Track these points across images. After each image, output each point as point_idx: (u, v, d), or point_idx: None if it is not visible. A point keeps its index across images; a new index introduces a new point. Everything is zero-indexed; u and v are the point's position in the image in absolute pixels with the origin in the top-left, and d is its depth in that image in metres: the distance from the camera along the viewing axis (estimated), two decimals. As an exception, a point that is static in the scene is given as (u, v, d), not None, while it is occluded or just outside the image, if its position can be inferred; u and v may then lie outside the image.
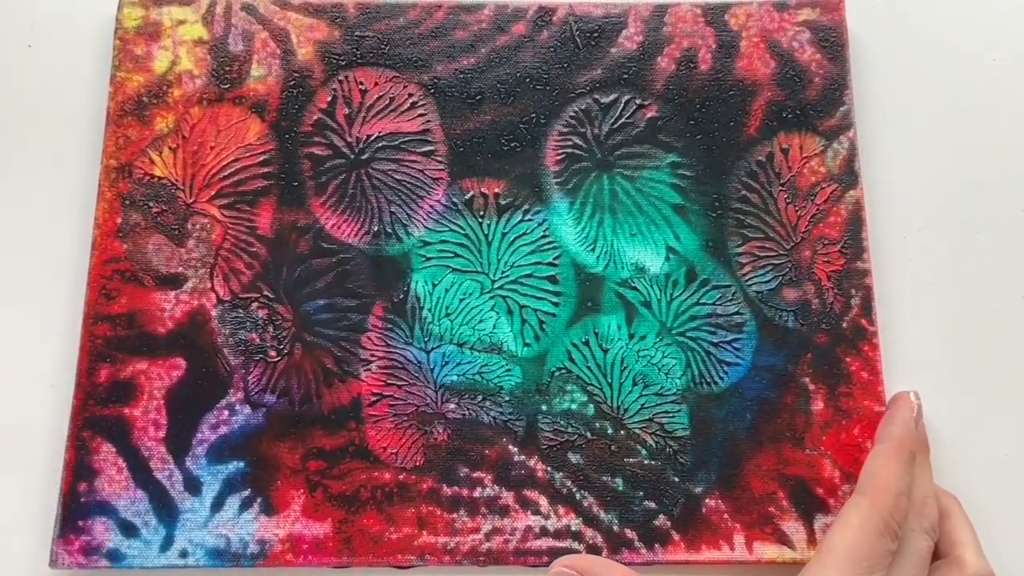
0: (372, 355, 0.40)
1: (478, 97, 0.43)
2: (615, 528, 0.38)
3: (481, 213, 0.41)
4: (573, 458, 0.39)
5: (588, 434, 0.39)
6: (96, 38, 0.44)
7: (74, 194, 0.42)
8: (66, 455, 0.38)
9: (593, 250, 0.41)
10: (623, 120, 0.42)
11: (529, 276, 0.41)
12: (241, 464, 0.38)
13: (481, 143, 0.42)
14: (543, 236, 0.41)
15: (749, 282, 0.41)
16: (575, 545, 0.38)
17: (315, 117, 0.42)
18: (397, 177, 0.42)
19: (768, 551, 0.38)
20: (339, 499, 0.38)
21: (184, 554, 0.37)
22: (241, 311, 0.40)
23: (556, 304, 0.40)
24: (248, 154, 0.42)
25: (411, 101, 0.43)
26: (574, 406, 0.39)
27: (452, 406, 0.39)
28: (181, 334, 0.40)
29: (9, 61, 0.44)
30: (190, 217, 0.41)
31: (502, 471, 0.38)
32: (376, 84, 0.43)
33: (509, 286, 0.41)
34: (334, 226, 0.41)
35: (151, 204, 0.41)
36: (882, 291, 0.41)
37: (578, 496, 0.38)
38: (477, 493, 0.38)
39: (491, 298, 0.40)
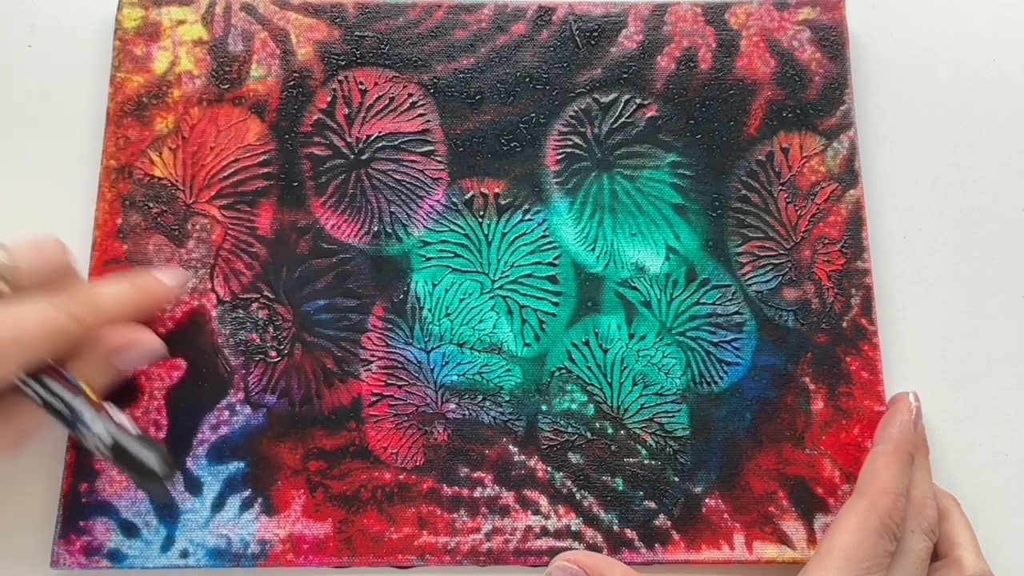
0: (372, 355, 0.40)
1: (478, 97, 0.43)
2: (615, 528, 0.38)
3: (481, 213, 0.41)
4: (573, 458, 0.39)
5: (588, 434, 0.39)
6: (96, 38, 0.44)
7: (74, 194, 0.42)
8: (67, 455, 0.38)
9: (593, 250, 0.41)
10: (623, 120, 0.42)
11: (529, 276, 0.41)
12: (241, 464, 0.38)
13: (481, 143, 0.42)
14: (543, 236, 0.41)
15: (749, 282, 0.41)
16: (575, 545, 0.38)
17: (315, 117, 0.42)
18: (397, 177, 0.42)
19: (768, 551, 0.38)
20: (339, 499, 0.38)
21: (185, 554, 0.37)
22: (241, 311, 0.40)
23: (556, 304, 0.40)
24: (248, 154, 0.42)
25: (411, 101, 0.43)
26: (574, 406, 0.39)
27: (452, 406, 0.39)
28: (181, 334, 0.40)
29: (9, 61, 0.44)
30: (190, 218, 0.41)
31: (502, 471, 0.39)
32: (376, 84, 0.43)
33: (509, 286, 0.41)
34: (334, 226, 0.41)
35: (151, 205, 0.41)
36: (882, 291, 0.41)
37: (578, 496, 0.38)
38: (477, 493, 0.38)
39: (491, 298, 0.40)
